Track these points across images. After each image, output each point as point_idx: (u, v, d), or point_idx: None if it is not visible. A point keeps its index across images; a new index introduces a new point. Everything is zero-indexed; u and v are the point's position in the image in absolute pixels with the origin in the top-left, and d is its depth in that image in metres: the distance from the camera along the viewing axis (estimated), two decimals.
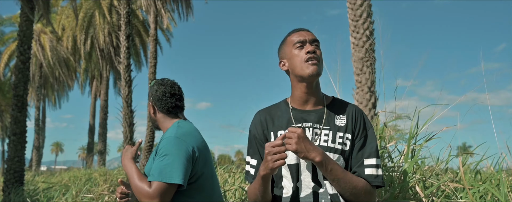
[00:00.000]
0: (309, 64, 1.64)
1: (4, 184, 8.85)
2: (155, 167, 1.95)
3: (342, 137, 1.66)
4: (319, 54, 1.69)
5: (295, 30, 1.75)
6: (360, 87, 8.33)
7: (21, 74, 9.27)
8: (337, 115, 1.70)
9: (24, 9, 9.40)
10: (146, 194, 1.88)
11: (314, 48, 1.67)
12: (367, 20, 8.32)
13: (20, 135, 8.88)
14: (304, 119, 1.70)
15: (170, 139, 1.99)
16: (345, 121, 1.69)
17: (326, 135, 1.67)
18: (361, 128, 1.69)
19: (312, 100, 1.72)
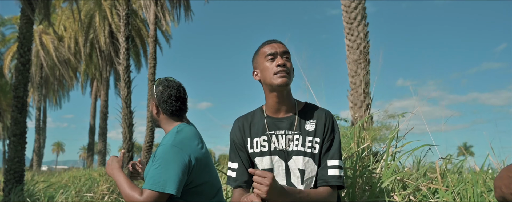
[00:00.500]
0: (278, 76, 1.77)
1: (4, 184, 8.98)
2: (149, 174, 1.93)
3: (311, 141, 1.78)
4: (289, 67, 1.81)
5: (268, 41, 1.86)
6: (354, 89, 8.45)
7: (21, 76, 9.40)
8: (307, 120, 1.82)
9: (24, 11, 9.53)
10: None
11: (284, 61, 1.79)
12: (361, 23, 8.45)
13: (20, 136, 9.01)
14: (277, 126, 1.83)
15: (167, 147, 1.96)
16: (315, 126, 1.80)
17: (297, 140, 1.79)
18: (329, 132, 1.80)
19: (284, 108, 1.84)
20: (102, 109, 25.20)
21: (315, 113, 1.83)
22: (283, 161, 1.81)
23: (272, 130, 1.83)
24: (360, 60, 8.26)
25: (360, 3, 8.45)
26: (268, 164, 1.81)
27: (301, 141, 1.78)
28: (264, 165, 1.82)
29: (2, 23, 24.18)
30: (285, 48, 1.84)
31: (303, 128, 1.80)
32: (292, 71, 1.84)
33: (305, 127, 1.81)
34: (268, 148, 1.83)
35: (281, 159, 1.81)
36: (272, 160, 1.82)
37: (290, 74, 1.79)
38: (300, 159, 1.78)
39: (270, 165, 1.81)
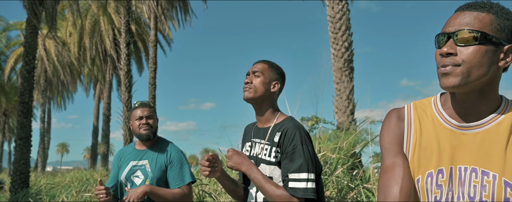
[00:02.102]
0: (244, 90, 2.05)
1: (11, 185, 9.57)
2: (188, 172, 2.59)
3: (276, 151, 1.91)
4: (255, 83, 1.98)
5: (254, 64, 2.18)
6: (339, 95, 8.95)
7: (26, 83, 9.97)
8: (277, 132, 1.93)
9: (30, 21, 10.10)
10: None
11: (249, 79, 2.03)
12: (345, 33, 8.97)
13: (26, 139, 9.60)
14: (257, 136, 2.03)
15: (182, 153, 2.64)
16: (278, 137, 1.91)
17: (266, 149, 1.95)
18: (288, 145, 1.86)
19: (263, 120, 2.03)
20: (104, 112, 25.78)
21: (283, 126, 1.93)
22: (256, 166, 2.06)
23: (255, 138, 2.07)
24: (344, 68, 8.75)
25: (344, 14, 8.97)
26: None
27: (268, 151, 1.97)
28: None
29: (8, 27, 24.82)
30: (258, 67, 2.04)
31: (272, 139, 1.93)
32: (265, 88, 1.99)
33: (274, 138, 1.93)
34: (250, 152, 2.10)
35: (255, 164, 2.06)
36: None
37: (254, 89, 1.97)
38: (267, 168, 1.97)
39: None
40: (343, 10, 8.98)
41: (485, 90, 1.10)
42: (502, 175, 1.05)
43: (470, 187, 1.09)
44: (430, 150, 1.16)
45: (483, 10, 1.08)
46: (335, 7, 8.99)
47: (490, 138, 1.08)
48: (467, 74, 1.05)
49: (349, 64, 8.87)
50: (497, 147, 1.06)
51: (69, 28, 24.35)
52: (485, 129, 1.10)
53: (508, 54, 1.08)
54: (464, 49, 1.06)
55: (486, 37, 1.05)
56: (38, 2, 10.14)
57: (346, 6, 9.04)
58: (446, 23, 1.13)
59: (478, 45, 1.05)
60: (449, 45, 1.08)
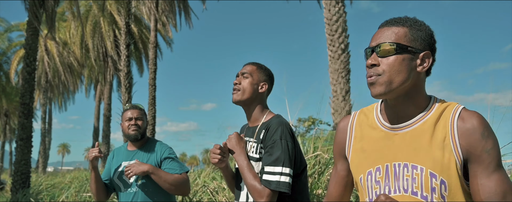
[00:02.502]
0: (232, 93, 2.13)
1: (12, 185, 9.70)
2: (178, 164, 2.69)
3: (260, 147, 1.97)
4: (243, 84, 2.06)
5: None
6: (336, 96, 9.06)
7: (27, 84, 10.10)
8: (264, 130, 1.99)
9: (31, 23, 10.23)
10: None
11: (238, 80, 2.10)
12: (342, 35, 9.08)
13: (27, 140, 9.72)
14: (248, 134, 2.09)
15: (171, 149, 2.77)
16: (263, 134, 1.97)
17: (253, 147, 2.01)
18: (269, 140, 1.92)
19: (253, 119, 2.10)
20: (105, 112, 25.91)
21: (270, 123, 1.98)
22: None
23: (247, 137, 2.15)
24: (341, 70, 8.86)
25: (341, 17, 9.08)
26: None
27: (255, 148, 2.02)
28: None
29: (9, 29, 24.97)
30: (247, 69, 2.11)
31: (259, 136, 2.00)
32: (253, 90, 2.05)
33: (260, 136, 1.99)
34: None
35: None
36: None
37: (242, 91, 2.04)
38: (254, 164, 2.04)
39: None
40: (340, 12, 9.09)
41: (411, 94, 1.23)
42: (428, 167, 1.18)
43: (403, 180, 1.22)
44: (369, 151, 1.31)
45: (398, 25, 1.25)
46: (332, 10, 9.11)
47: (417, 135, 1.22)
48: (389, 81, 1.19)
49: (345, 66, 8.98)
50: (423, 143, 1.21)
51: (70, 30, 24.51)
52: (413, 128, 1.24)
53: (424, 60, 1.23)
54: (385, 60, 1.21)
55: (401, 47, 1.21)
56: (39, 4, 10.27)
57: (342, 9, 9.15)
58: (371, 39, 1.29)
59: (396, 54, 1.20)
60: (372, 58, 1.24)
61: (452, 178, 1.17)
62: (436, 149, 1.18)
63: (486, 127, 1.17)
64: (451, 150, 1.17)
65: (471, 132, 1.16)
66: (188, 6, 20.14)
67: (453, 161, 1.17)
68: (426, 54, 1.23)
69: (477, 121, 1.17)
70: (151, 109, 18.41)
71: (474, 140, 1.16)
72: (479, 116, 1.19)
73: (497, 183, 1.13)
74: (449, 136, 1.18)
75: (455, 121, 1.19)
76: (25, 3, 10.39)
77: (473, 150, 1.16)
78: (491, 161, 1.15)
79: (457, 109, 1.21)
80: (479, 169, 1.15)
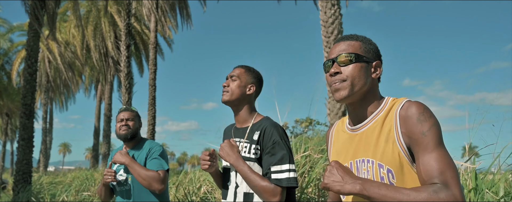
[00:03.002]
0: (222, 94, 2.23)
1: (14, 184, 9.87)
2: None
3: (255, 148, 2.08)
4: (232, 86, 2.18)
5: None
6: (331, 97, 9.22)
7: (28, 85, 10.27)
8: (256, 131, 2.11)
9: (32, 25, 10.40)
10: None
11: (227, 83, 2.22)
12: (337, 37, 9.23)
13: (28, 140, 9.90)
14: (236, 135, 2.21)
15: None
16: (258, 136, 2.08)
17: (246, 147, 2.12)
18: (268, 141, 2.04)
19: (241, 120, 2.21)
20: (106, 112, 26.08)
21: (261, 125, 2.10)
22: None
23: (235, 137, 2.26)
24: None
25: (336, 19, 9.23)
26: (227, 163, 2.28)
27: (248, 148, 2.11)
28: (227, 163, 2.28)
29: (11, 30, 25.17)
30: (235, 72, 2.23)
31: (251, 137, 2.11)
32: (241, 91, 2.18)
33: (253, 137, 2.10)
34: None
35: None
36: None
37: (230, 92, 2.17)
38: (252, 164, 2.12)
39: (229, 165, 2.27)
40: (336, 14, 9.24)
41: (367, 97, 1.42)
42: (377, 160, 1.35)
43: (362, 174, 1.40)
44: (339, 152, 1.53)
45: (352, 39, 1.46)
46: (328, 12, 9.25)
47: (370, 133, 1.39)
48: (352, 86, 1.38)
49: None
50: (374, 139, 1.38)
51: (71, 30, 24.69)
52: (367, 127, 1.41)
53: (376, 68, 1.45)
54: (346, 68, 1.41)
55: (358, 57, 1.42)
56: (40, 6, 10.44)
57: (338, 11, 9.30)
58: (329, 52, 1.48)
59: (355, 63, 1.41)
60: (334, 67, 1.43)
61: (398, 166, 1.30)
62: (383, 142, 1.34)
63: (423, 112, 1.28)
64: (394, 140, 1.31)
65: (409, 119, 1.29)
66: (188, 7, 20.30)
67: (397, 150, 1.30)
68: (377, 63, 1.45)
69: (414, 108, 1.30)
70: (151, 109, 18.57)
71: (412, 125, 1.28)
72: (418, 104, 1.31)
73: (436, 160, 1.22)
74: (393, 127, 1.32)
75: (398, 112, 1.33)
76: (26, 5, 10.56)
77: (411, 134, 1.28)
78: (429, 142, 1.25)
79: (401, 102, 1.35)
80: (420, 151, 1.26)
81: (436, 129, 1.27)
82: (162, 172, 2.69)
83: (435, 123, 1.28)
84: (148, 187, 2.66)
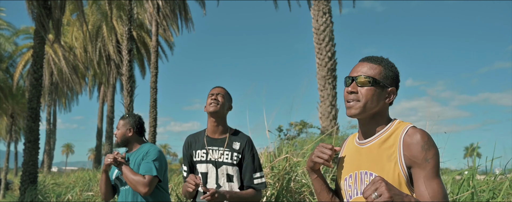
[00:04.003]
0: (210, 105, 2.63)
1: (20, 184, 10.35)
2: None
3: (237, 155, 2.55)
4: (220, 100, 2.58)
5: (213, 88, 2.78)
6: (323, 101, 9.65)
7: (34, 89, 10.75)
8: (235, 142, 2.58)
9: (38, 32, 10.86)
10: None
11: (216, 97, 2.63)
12: (329, 44, 9.65)
13: (34, 142, 10.37)
14: (213, 144, 2.57)
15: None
16: (239, 146, 2.56)
17: (227, 154, 2.55)
18: (248, 153, 2.56)
19: (218, 131, 2.59)
20: (108, 114, 26.54)
21: (239, 137, 2.59)
22: (214, 168, 2.62)
23: (210, 146, 2.59)
24: (327, 76, 9.44)
25: (328, 27, 9.65)
26: (204, 169, 2.63)
27: (230, 155, 2.54)
28: (202, 169, 2.65)
29: (16, 33, 25.70)
30: (219, 90, 2.67)
31: (231, 146, 2.55)
32: (225, 106, 2.60)
33: (232, 146, 2.55)
34: (206, 158, 2.64)
35: (213, 166, 2.63)
36: (207, 166, 2.60)
37: (221, 105, 2.57)
38: (229, 167, 2.60)
39: (206, 170, 2.63)
40: (327, 22, 9.67)
41: (375, 118, 1.55)
42: (379, 174, 1.48)
43: (365, 184, 1.53)
44: (346, 161, 1.67)
45: (376, 63, 1.56)
46: (319, 20, 9.69)
47: (374, 149, 1.53)
48: (364, 107, 1.51)
49: (332, 72, 9.56)
50: (378, 155, 1.51)
51: (74, 33, 25.18)
52: (373, 143, 1.54)
53: (390, 94, 1.56)
54: (362, 89, 1.52)
55: (376, 82, 1.52)
56: (46, 14, 10.92)
57: (329, 19, 9.73)
58: (352, 69, 1.60)
59: (371, 86, 1.52)
60: (352, 86, 1.55)
61: (396, 183, 1.44)
62: (386, 160, 1.48)
63: (427, 141, 1.43)
64: (397, 161, 1.45)
65: (414, 145, 1.43)
66: (188, 11, 20.73)
67: (398, 169, 1.45)
68: (392, 90, 1.56)
69: (419, 136, 1.44)
70: (152, 111, 19.00)
71: (416, 151, 1.42)
72: (422, 132, 1.46)
73: (439, 187, 1.40)
74: (397, 149, 1.46)
75: (402, 137, 1.46)
76: (32, 13, 11.04)
77: (415, 159, 1.42)
78: (431, 168, 1.41)
79: (406, 127, 1.49)
80: (422, 174, 1.41)
81: (437, 158, 1.43)
82: (148, 176, 2.81)
83: (437, 152, 1.44)
84: (135, 190, 2.82)
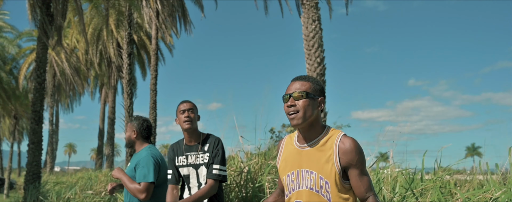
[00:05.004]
0: (185, 123, 3.10)
1: (24, 184, 10.86)
2: None
3: (208, 155, 3.02)
4: (191, 116, 3.04)
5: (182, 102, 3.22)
6: None
7: (38, 93, 11.25)
8: (206, 144, 3.05)
9: (41, 39, 11.36)
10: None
11: (188, 114, 3.09)
12: (318, 50, 10.11)
13: (37, 144, 10.88)
14: (190, 150, 3.08)
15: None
16: (207, 147, 3.03)
17: (201, 157, 3.03)
18: (214, 150, 3.00)
19: (193, 139, 3.08)
20: (109, 115, 27.04)
21: (209, 140, 3.05)
22: (194, 170, 3.14)
23: (188, 152, 3.08)
24: None
25: (317, 33, 10.10)
26: (186, 172, 3.16)
27: (202, 157, 3.03)
28: (184, 172, 3.16)
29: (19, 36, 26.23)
30: (190, 106, 3.10)
31: (203, 149, 3.02)
32: (196, 120, 3.08)
33: (204, 148, 3.01)
34: (186, 162, 3.15)
35: (193, 169, 3.13)
36: (188, 169, 3.09)
37: (193, 121, 3.04)
38: (205, 168, 3.09)
39: (188, 172, 3.15)
40: (316, 29, 10.12)
41: (313, 125, 1.91)
42: (318, 173, 1.89)
43: (306, 180, 1.92)
44: (288, 161, 2.03)
45: (305, 80, 1.94)
46: (309, 27, 10.14)
47: (314, 152, 1.90)
48: (304, 116, 1.86)
49: (321, 77, 10.01)
50: (316, 157, 1.90)
51: (76, 35, 25.70)
52: (312, 147, 1.92)
53: (320, 103, 1.92)
54: (299, 102, 1.88)
55: (307, 95, 1.88)
56: (48, 21, 11.41)
57: (318, 26, 10.18)
58: (287, 88, 1.95)
59: (305, 99, 1.87)
60: (291, 101, 1.89)
61: (332, 180, 1.85)
62: (324, 161, 1.86)
63: (357, 148, 1.85)
64: (333, 163, 1.85)
65: (349, 151, 1.84)
66: (187, 15, 21.18)
67: (334, 169, 1.85)
68: (321, 100, 1.93)
69: (352, 144, 1.85)
70: (152, 113, 19.46)
71: (351, 156, 1.84)
72: (352, 140, 1.86)
73: (368, 181, 1.86)
74: (333, 153, 1.85)
75: (338, 143, 1.86)
76: (35, 21, 11.54)
77: (351, 162, 1.84)
78: (362, 168, 1.85)
79: (339, 135, 1.88)
80: (356, 172, 1.85)
81: (364, 159, 1.88)
82: (144, 184, 3.11)
83: (364, 155, 1.88)
84: (134, 196, 3.13)
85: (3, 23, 24.88)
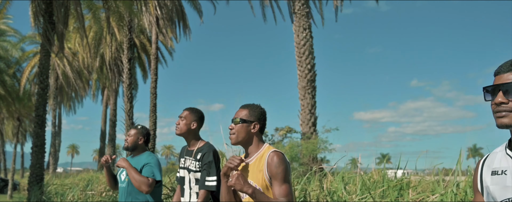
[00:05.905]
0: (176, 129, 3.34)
1: (28, 185, 11.34)
2: None
3: (199, 164, 3.09)
4: (180, 124, 3.13)
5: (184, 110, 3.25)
6: (303, 110, 10.55)
7: (41, 98, 11.73)
8: (199, 153, 3.10)
9: (44, 46, 11.84)
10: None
11: (178, 122, 3.30)
12: (309, 57, 10.55)
13: (41, 147, 11.36)
14: (188, 154, 3.18)
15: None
16: (200, 156, 3.08)
17: (193, 163, 3.12)
18: (205, 160, 3.04)
19: (191, 145, 3.17)
20: (111, 117, 27.52)
21: (203, 149, 3.09)
22: (188, 173, 3.33)
23: (186, 156, 3.20)
24: (307, 87, 10.35)
25: (307, 41, 10.54)
26: (182, 174, 3.21)
27: (194, 164, 3.12)
28: (180, 174, 3.21)
29: (22, 40, 26.71)
30: (183, 114, 3.17)
31: (196, 157, 3.09)
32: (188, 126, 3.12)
33: (197, 157, 3.08)
34: (183, 165, 3.34)
35: (187, 172, 3.18)
36: (184, 171, 3.21)
37: (180, 129, 3.13)
38: (196, 174, 3.26)
39: (183, 174, 3.20)
40: (307, 37, 10.58)
41: (249, 143, 2.33)
42: (254, 182, 2.24)
43: None
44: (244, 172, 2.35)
45: (245, 108, 2.35)
46: (300, 35, 10.60)
47: (253, 166, 2.29)
48: (237, 137, 2.31)
49: (311, 83, 10.47)
50: (255, 169, 2.27)
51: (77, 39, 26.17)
52: (251, 162, 2.30)
53: (255, 126, 2.31)
54: (236, 126, 2.31)
55: (243, 120, 2.31)
56: (51, 29, 11.90)
57: (309, 34, 10.64)
58: (235, 114, 2.34)
59: (241, 124, 2.31)
60: (231, 126, 2.32)
61: (264, 187, 2.20)
62: (257, 172, 2.23)
63: (278, 162, 2.18)
64: (263, 174, 2.20)
65: (272, 165, 2.18)
66: (186, 20, 21.65)
67: (263, 178, 2.21)
68: (255, 123, 2.31)
69: (275, 158, 2.19)
70: (152, 115, 19.97)
71: (273, 168, 2.18)
72: (277, 155, 2.20)
73: (285, 190, 2.17)
74: (263, 166, 2.21)
75: (267, 158, 2.21)
76: (38, 28, 12.03)
77: (272, 173, 2.18)
78: (281, 178, 2.17)
79: (269, 152, 2.22)
80: (276, 182, 2.18)
81: (286, 172, 2.19)
82: (152, 179, 3.35)
83: (285, 167, 2.18)
84: (138, 188, 3.30)
85: (6, 27, 25.37)
